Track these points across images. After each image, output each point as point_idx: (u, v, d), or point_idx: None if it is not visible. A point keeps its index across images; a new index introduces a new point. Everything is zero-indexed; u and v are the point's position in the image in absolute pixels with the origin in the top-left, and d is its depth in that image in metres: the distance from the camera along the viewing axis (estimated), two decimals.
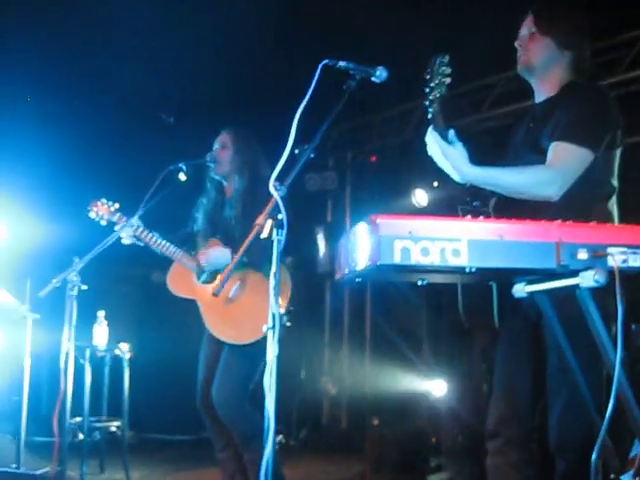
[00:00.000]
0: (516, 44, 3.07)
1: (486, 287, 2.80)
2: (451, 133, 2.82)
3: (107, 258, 4.63)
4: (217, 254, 4.44)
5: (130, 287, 8.47)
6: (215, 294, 3.11)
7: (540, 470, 3.05)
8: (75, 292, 4.30)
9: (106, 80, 6.90)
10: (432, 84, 2.79)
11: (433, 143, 2.83)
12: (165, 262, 4.89)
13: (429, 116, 2.83)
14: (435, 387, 7.49)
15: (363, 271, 2.12)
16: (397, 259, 2.00)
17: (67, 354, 4.30)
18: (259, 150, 4.67)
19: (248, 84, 6.97)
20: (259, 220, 2.65)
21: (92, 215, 4.72)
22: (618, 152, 2.92)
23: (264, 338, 3.86)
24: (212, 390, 4.37)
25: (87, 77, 6.83)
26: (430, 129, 2.83)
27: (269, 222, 2.65)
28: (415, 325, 8.51)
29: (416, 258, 2.01)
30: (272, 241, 2.70)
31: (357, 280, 2.34)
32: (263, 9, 5.90)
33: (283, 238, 2.65)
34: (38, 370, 6.46)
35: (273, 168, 2.73)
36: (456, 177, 2.81)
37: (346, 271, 2.25)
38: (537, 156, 2.84)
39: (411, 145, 8.15)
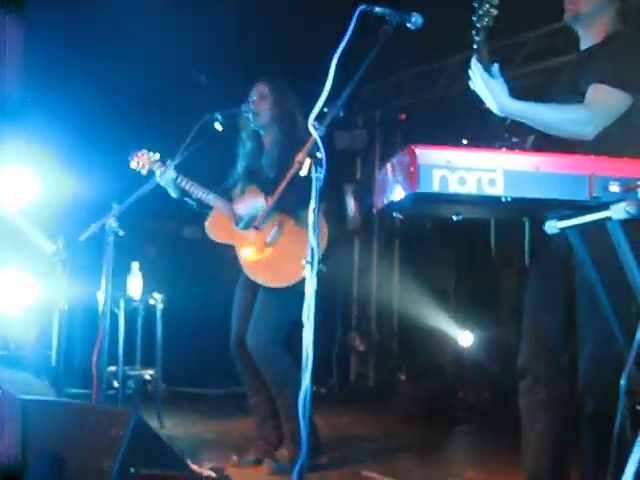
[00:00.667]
0: None
1: (518, 226, 2.87)
2: (495, 67, 2.86)
3: (140, 213, 4.73)
4: (253, 201, 4.53)
5: (162, 242, 8.58)
6: (256, 227, 3.19)
7: (569, 410, 3.13)
8: (113, 238, 4.39)
9: (137, 39, 6.95)
10: (480, 12, 2.84)
11: (476, 74, 2.87)
12: (196, 219, 5.00)
13: (474, 46, 2.88)
14: (463, 339, 7.58)
15: (401, 201, 2.19)
16: (435, 187, 2.07)
17: (106, 298, 4.39)
18: (295, 100, 4.74)
19: (282, 34, 6.99)
20: (299, 158, 2.71)
21: (133, 165, 4.83)
22: None
23: (300, 284, 4.00)
24: (247, 334, 4.48)
25: (116, 38, 6.89)
26: (474, 60, 2.87)
27: (308, 160, 2.72)
28: (443, 279, 8.58)
29: (453, 187, 2.08)
30: (309, 181, 2.78)
31: (395, 214, 2.42)
32: None
33: (322, 176, 2.72)
34: (70, 323, 6.58)
35: (308, 118, 2.79)
36: (496, 110, 2.86)
37: (384, 202, 2.32)
38: (577, 98, 2.89)
39: (441, 102, 8.17)
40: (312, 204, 2.69)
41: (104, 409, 3.16)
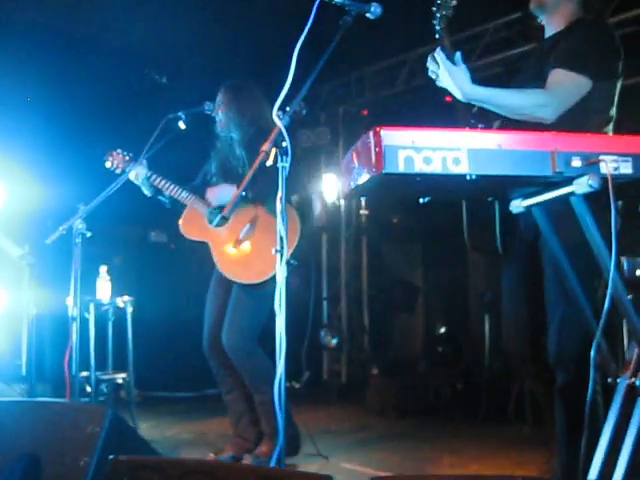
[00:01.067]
0: None
1: (488, 214, 2.92)
2: (457, 55, 2.92)
3: (106, 218, 4.73)
4: (223, 191, 4.54)
5: (129, 246, 8.54)
6: (226, 217, 3.20)
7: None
8: (80, 240, 4.38)
9: (100, 42, 6.95)
10: (439, 2, 2.90)
11: (439, 63, 2.91)
12: (162, 223, 5.00)
13: (436, 36, 2.93)
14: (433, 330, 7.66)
15: (367, 184, 2.21)
16: (401, 167, 2.10)
17: (76, 300, 4.37)
18: (255, 98, 4.73)
19: (241, 28, 7.01)
20: (264, 147, 2.74)
21: (108, 165, 4.82)
22: (619, 83, 3.04)
23: (273, 280, 4.01)
24: (222, 332, 4.48)
25: (80, 41, 6.88)
26: (437, 50, 2.92)
27: (274, 150, 2.74)
28: (412, 273, 8.65)
29: (419, 166, 2.11)
30: (277, 169, 2.80)
31: (361, 197, 2.44)
32: None
33: (288, 165, 2.75)
34: (40, 329, 6.54)
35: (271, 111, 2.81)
36: (459, 96, 2.91)
37: (351, 186, 2.34)
38: (540, 84, 2.95)
39: (403, 96, 8.23)
40: (279, 193, 2.71)
41: (79, 406, 3.16)
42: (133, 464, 2.30)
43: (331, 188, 8.76)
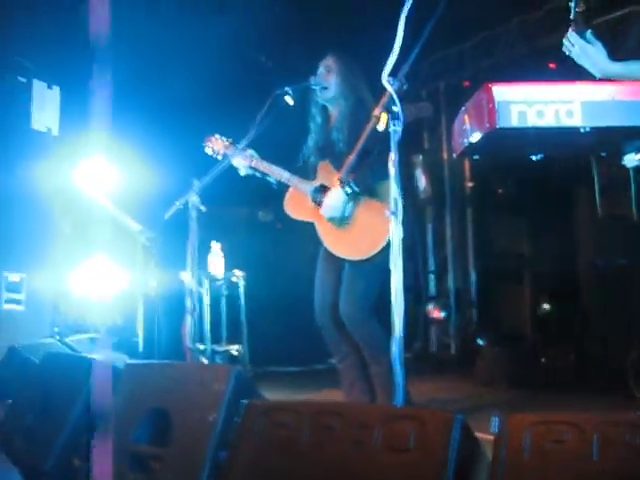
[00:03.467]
0: None
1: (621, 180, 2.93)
2: (589, 33, 2.92)
3: (215, 198, 4.86)
4: (332, 200, 4.51)
5: (238, 226, 8.73)
6: (341, 180, 3.26)
7: None
8: (196, 214, 4.53)
9: (201, 30, 7.12)
10: None
11: (574, 44, 2.92)
12: (269, 202, 5.11)
13: (571, 16, 2.93)
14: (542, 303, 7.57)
15: (480, 141, 2.27)
16: (514, 122, 2.15)
17: (193, 274, 4.53)
18: (361, 74, 4.80)
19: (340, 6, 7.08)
20: (375, 112, 2.80)
21: (208, 151, 4.93)
22: None
23: (381, 255, 4.08)
24: (340, 302, 4.57)
25: (184, 31, 7.07)
26: (570, 31, 2.93)
27: (384, 115, 2.80)
28: (519, 244, 8.55)
29: (532, 120, 2.15)
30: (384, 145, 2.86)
31: (474, 156, 2.49)
32: None
33: (400, 129, 2.80)
34: (157, 305, 6.77)
35: (374, 92, 2.87)
36: (598, 74, 2.92)
37: (464, 145, 2.39)
38: None
39: (503, 67, 8.15)
40: (392, 156, 2.78)
41: (205, 366, 3.32)
42: (268, 406, 2.42)
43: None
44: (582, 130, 2.15)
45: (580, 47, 2.91)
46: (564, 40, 2.98)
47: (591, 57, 2.90)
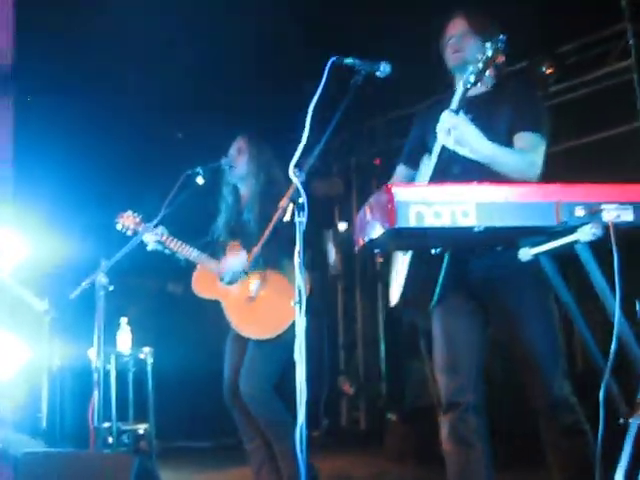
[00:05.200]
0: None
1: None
2: (461, 112, 3.05)
3: (124, 270, 4.83)
4: (233, 260, 4.65)
5: (147, 298, 8.65)
6: (245, 272, 3.31)
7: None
8: (103, 293, 4.48)
9: (118, 101, 7.14)
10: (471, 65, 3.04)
11: (454, 123, 3.02)
12: (179, 274, 5.10)
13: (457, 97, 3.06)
14: None
15: (381, 238, 2.33)
16: (412, 222, 2.22)
17: (99, 354, 4.46)
18: (271, 154, 4.88)
19: (254, 87, 7.20)
20: (282, 203, 2.85)
21: (119, 227, 4.92)
22: None
23: (287, 332, 4.11)
24: (240, 382, 4.57)
25: (99, 100, 7.07)
26: (446, 111, 3.04)
27: (291, 205, 2.86)
28: (427, 321, 8.67)
29: (430, 221, 2.22)
30: (291, 228, 2.91)
31: (375, 250, 2.55)
32: (267, 11, 6.12)
33: (304, 220, 2.86)
34: (61, 382, 6.62)
35: (286, 169, 2.94)
36: (466, 152, 3.04)
37: (365, 240, 2.46)
38: (494, 139, 3.11)
39: None
40: (297, 247, 2.82)
41: (107, 455, 3.24)
42: None
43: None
44: (476, 229, 2.24)
45: (460, 126, 3.00)
46: (441, 120, 3.08)
47: (466, 138, 3.01)
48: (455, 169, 3.13)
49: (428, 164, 3.19)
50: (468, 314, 3.32)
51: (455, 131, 3.01)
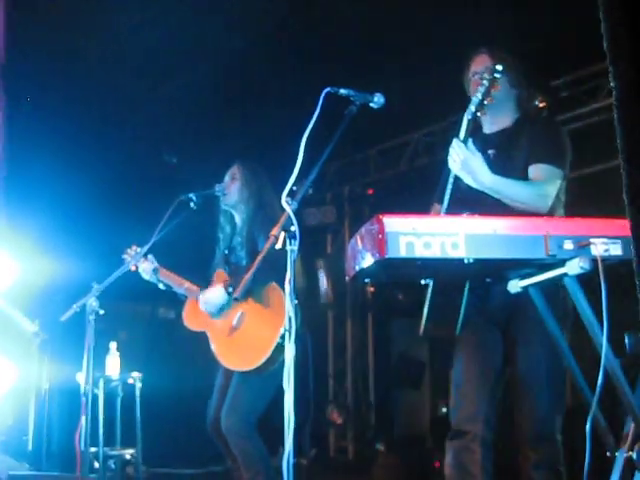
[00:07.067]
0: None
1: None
2: (470, 143, 3.11)
3: (115, 295, 4.84)
4: (209, 293, 4.63)
5: (137, 322, 8.64)
6: (237, 299, 3.32)
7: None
8: (94, 317, 4.48)
9: (112, 127, 7.17)
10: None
11: (460, 153, 3.09)
12: (170, 299, 5.10)
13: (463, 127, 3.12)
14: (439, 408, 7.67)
15: (371, 267, 2.35)
16: (402, 252, 2.24)
17: (88, 378, 4.45)
18: (265, 179, 4.88)
19: (250, 115, 7.24)
20: (274, 231, 2.87)
21: (126, 259, 4.96)
22: None
23: (272, 363, 4.09)
24: (221, 417, 4.52)
25: (94, 125, 7.11)
26: (455, 140, 3.13)
27: (282, 234, 2.87)
28: (418, 349, 8.68)
29: (419, 251, 2.25)
30: (280, 255, 2.93)
31: (366, 280, 2.57)
32: (261, 41, 6.17)
33: (296, 248, 2.87)
34: (49, 405, 6.60)
35: (279, 196, 2.96)
36: (474, 184, 3.10)
37: (356, 270, 2.48)
38: (511, 175, 3.20)
39: (406, 176, 8.44)
40: (288, 275, 2.84)
41: None
42: None
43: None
44: (466, 261, 2.26)
45: (466, 156, 3.09)
46: (450, 148, 3.16)
47: (471, 167, 3.10)
48: (470, 198, 3.17)
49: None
50: (487, 345, 3.37)
51: (460, 160, 3.08)
